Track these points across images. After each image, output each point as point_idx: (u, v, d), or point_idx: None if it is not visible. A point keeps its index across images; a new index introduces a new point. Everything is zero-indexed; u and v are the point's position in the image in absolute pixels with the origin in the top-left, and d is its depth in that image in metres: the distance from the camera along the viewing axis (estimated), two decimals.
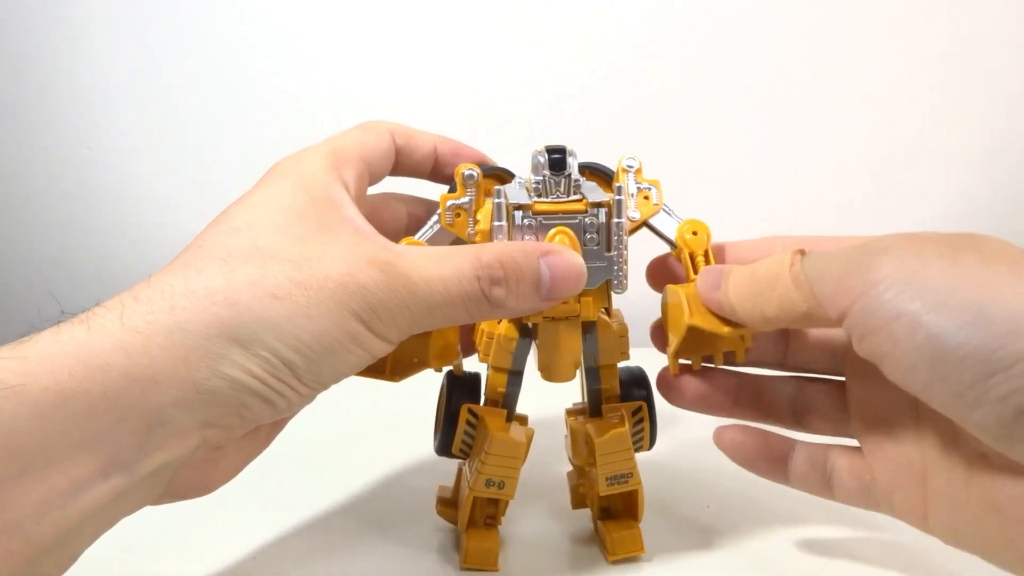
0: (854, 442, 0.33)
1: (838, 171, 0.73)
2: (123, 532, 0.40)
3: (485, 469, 0.35)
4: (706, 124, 0.73)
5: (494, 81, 0.73)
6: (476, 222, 0.35)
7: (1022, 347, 0.21)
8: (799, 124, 0.73)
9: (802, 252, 0.29)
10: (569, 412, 0.39)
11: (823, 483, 0.33)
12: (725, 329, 0.32)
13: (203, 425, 0.27)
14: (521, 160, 0.38)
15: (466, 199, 0.35)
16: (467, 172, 0.34)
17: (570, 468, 0.41)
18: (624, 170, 0.36)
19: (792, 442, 0.34)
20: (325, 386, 0.30)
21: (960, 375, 0.22)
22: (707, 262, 0.35)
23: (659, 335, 0.36)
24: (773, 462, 0.34)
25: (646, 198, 0.36)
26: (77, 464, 0.24)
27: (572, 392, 0.39)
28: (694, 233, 0.35)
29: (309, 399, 0.30)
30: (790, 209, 0.73)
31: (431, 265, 0.29)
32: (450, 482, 0.40)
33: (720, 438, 0.35)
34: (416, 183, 0.38)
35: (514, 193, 0.34)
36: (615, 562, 0.37)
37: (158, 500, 0.29)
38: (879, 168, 0.73)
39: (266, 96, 0.74)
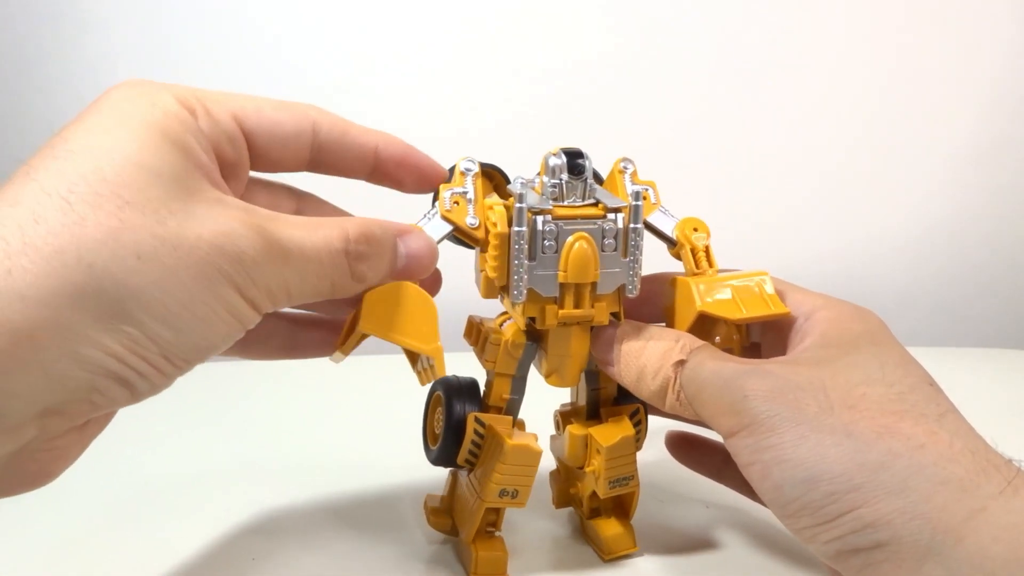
0: None
1: (829, 171, 0.74)
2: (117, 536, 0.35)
3: (500, 479, 0.34)
4: (699, 124, 0.72)
5: (483, 79, 0.71)
6: (486, 213, 0.34)
7: (840, 507, 0.26)
8: (791, 124, 0.73)
9: (681, 363, 0.32)
10: (562, 414, 0.39)
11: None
12: (736, 315, 0.33)
13: (43, 414, 0.23)
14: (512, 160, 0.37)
15: (465, 188, 0.34)
16: (465, 165, 0.34)
17: (553, 467, 0.41)
18: (620, 171, 0.36)
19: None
20: (191, 364, 0.26)
21: (797, 521, 0.27)
22: (708, 257, 0.36)
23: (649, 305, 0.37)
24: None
25: (644, 198, 0.36)
26: None
27: (550, 393, 0.38)
28: (695, 230, 0.36)
29: (171, 380, 0.26)
30: (782, 210, 0.74)
31: (302, 233, 0.27)
32: (435, 490, 0.39)
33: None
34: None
35: (532, 197, 0.33)
36: (610, 560, 0.38)
37: None
38: (871, 168, 0.74)
39: (267, 95, 0.70)
